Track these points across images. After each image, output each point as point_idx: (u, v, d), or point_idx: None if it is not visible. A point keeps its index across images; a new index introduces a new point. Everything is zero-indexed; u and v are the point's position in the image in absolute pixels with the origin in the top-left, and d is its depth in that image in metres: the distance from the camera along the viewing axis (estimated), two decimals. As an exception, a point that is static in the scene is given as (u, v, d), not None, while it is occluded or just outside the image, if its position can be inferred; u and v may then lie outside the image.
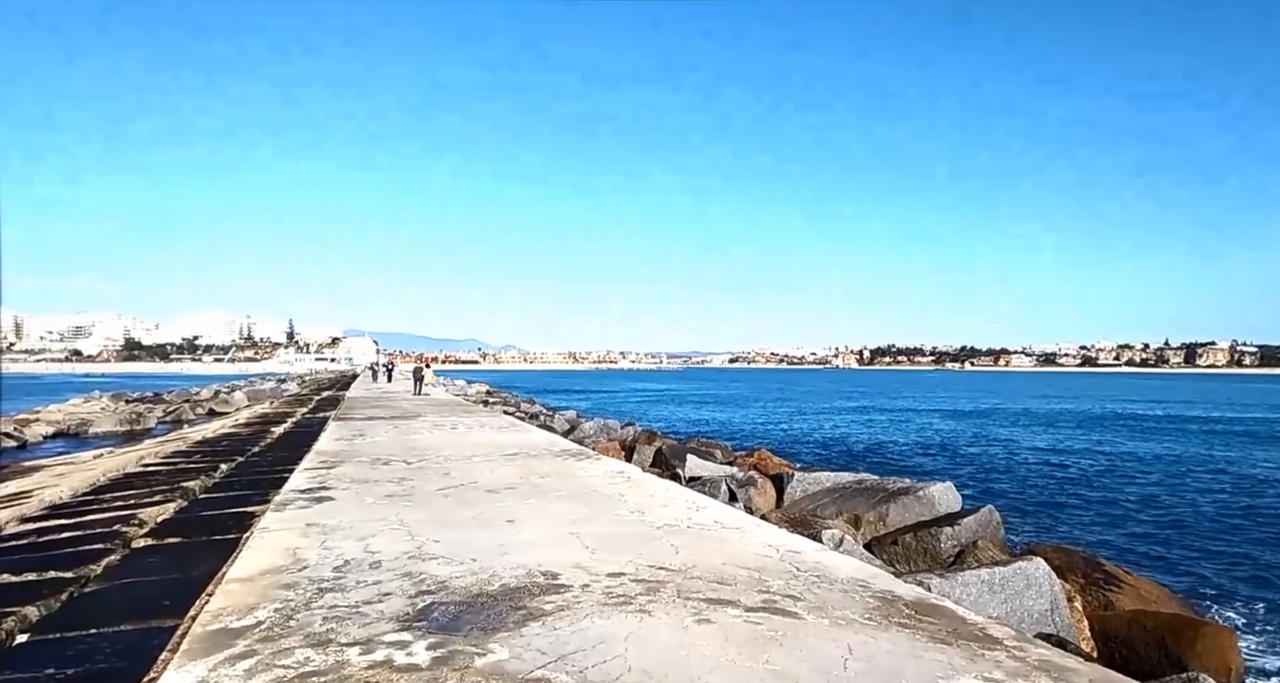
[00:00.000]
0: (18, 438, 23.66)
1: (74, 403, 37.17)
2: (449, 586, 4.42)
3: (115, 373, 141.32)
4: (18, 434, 23.95)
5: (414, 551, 5.24)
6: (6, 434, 23.29)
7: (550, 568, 4.76)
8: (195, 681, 3.11)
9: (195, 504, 7.59)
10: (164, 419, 31.53)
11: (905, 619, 3.94)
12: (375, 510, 6.65)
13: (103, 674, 3.37)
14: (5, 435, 23.05)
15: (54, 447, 23.51)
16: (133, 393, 46.52)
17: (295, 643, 3.51)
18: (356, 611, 3.98)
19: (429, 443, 12.17)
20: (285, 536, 5.70)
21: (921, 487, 10.63)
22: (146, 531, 6.36)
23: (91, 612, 4.31)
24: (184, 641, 3.59)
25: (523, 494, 7.48)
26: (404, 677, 3.14)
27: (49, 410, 32.51)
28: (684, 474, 13.12)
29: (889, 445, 30.61)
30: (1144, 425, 41.05)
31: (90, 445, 22.70)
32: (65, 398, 41.39)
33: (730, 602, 4.15)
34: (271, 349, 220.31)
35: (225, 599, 4.18)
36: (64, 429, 27.08)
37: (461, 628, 3.72)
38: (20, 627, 4.06)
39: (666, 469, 13.87)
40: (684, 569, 4.79)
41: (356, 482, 8.20)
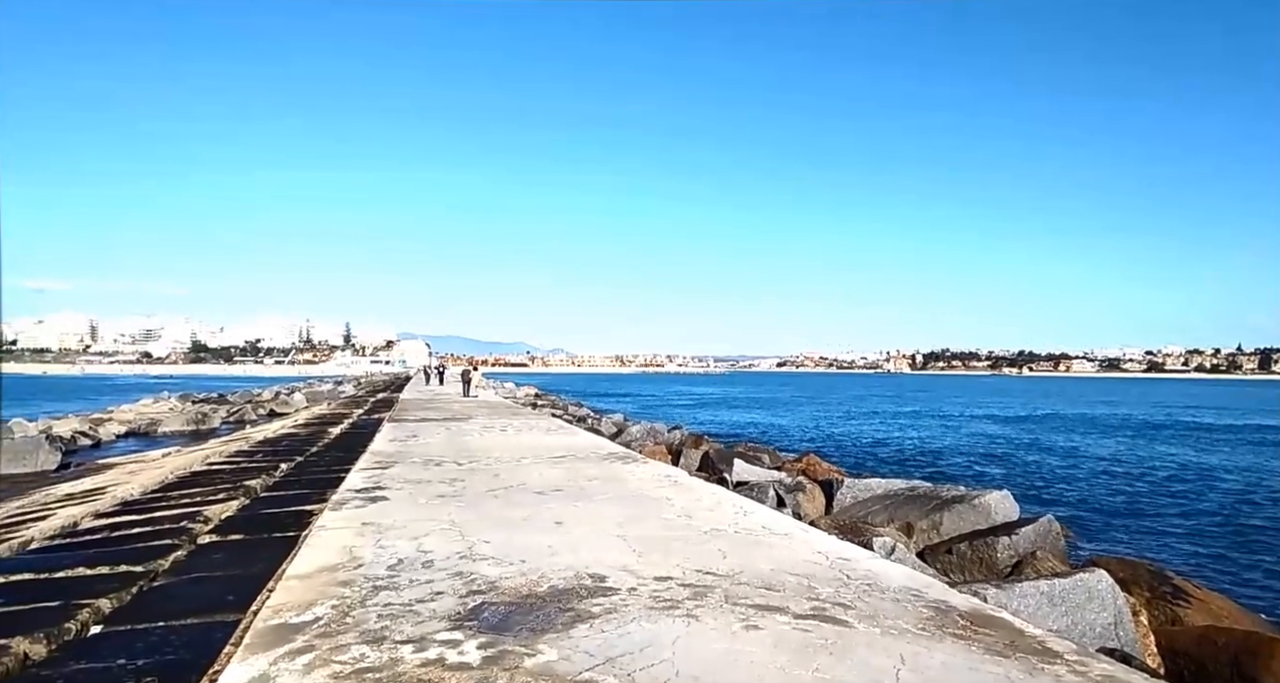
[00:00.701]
0: (93, 437, 24.82)
1: (144, 403, 38.82)
2: (499, 586, 4.48)
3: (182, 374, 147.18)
4: (93, 433, 25.14)
5: (465, 551, 5.33)
6: (83, 433, 24.46)
7: (598, 570, 4.79)
8: (257, 674, 3.21)
9: (257, 502, 7.85)
10: (228, 419, 32.70)
11: (960, 630, 3.85)
12: (427, 511, 6.78)
13: (170, 666, 3.51)
14: (81, 434, 24.21)
15: (126, 445, 24.60)
16: (198, 394, 48.34)
17: (351, 640, 3.61)
18: (410, 609, 4.06)
19: (479, 445, 12.35)
20: (342, 534, 5.85)
21: (977, 494, 10.36)
22: (211, 527, 6.60)
23: (160, 605, 4.50)
24: (246, 635, 3.72)
25: (570, 496, 7.54)
26: (455, 675, 3.20)
27: (121, 410, 34.03)
28: (731, 479, 13.04)
29: (942, 452, 29.91)
30: (1214, 435, 39.23)
31: (159, 444, 23.69)
32: (136, 398, 43.26)
33: (779, 608, 4.11)
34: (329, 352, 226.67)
35: (285, 595, 4.32)
36: (135, 428, 28.29)
37: (511, 628, 3.77)
38: (95, 618, 4.25)
39: (713, 473, 13.81)
40: (731, 574, 4.76)
41: (410, 482, 8.38)
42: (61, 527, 7.12)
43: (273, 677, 3.18)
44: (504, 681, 3.16)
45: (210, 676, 3.30)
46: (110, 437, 25.97)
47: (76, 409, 36.84)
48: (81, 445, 23.17)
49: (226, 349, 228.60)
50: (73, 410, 35.33)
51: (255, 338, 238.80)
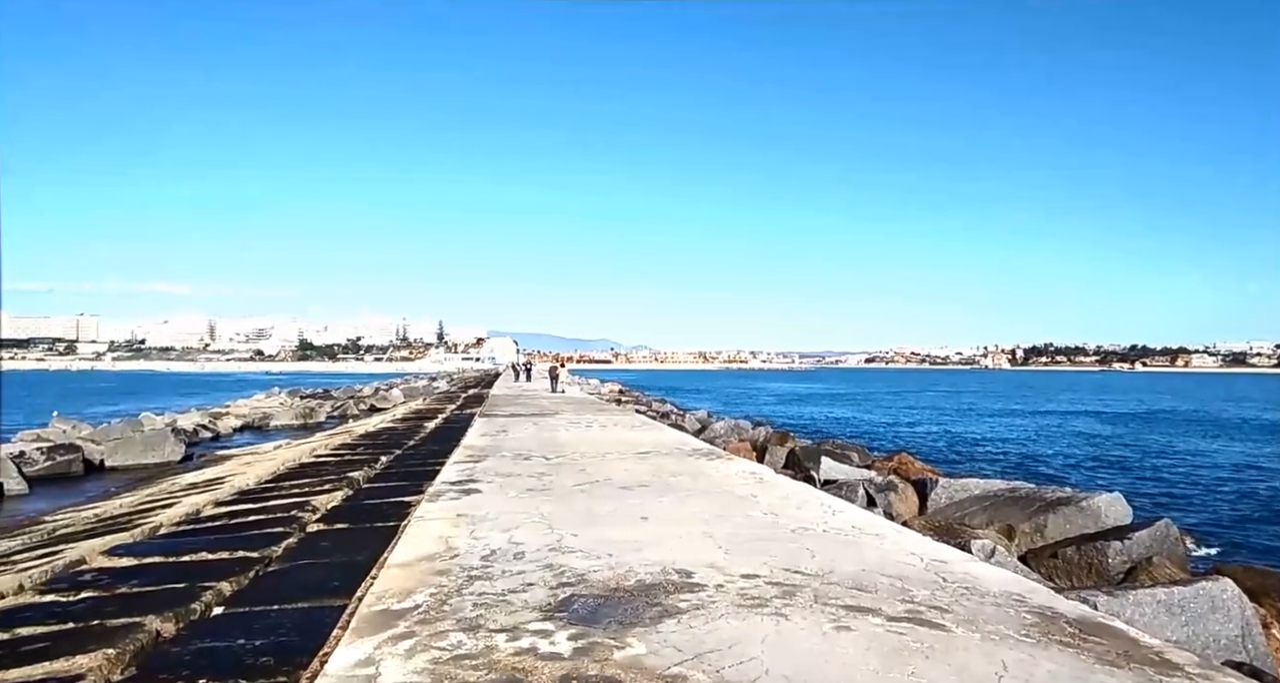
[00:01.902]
0: (212, 430, 26.70)
1: (257, 399, 41.41)
2: (587, 579, 4.55)
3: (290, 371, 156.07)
4: (212, 427, 27.03)
5: (554, 543, 5.44)
6: (204, 426, 26.35)
7: (684, 566, 4.80)
8: (363, 657, 3.38)
9: (360, 493, 8.25)
10: (332, 414, 34.50)
11: (1068, 638, 3.66)
12: (518, 503, 6.96)
13: (284, 647, 3.74)
14: (203, 427, 26.08)
15: (241, 438, 26.34)
16: (305, 390, 51.19)
17: (449, 627, 3.74)
18: (503, 599, 4.18)
19: (566, 440, 12.58)
20: (438, 525, 6.08)
21: (1085, 496, 9.81)
22: (318, 516, 6.98)
23: (274, 589, 4.79)
24: (352, 620, 3.92)
25: (655, 492, 7.58)
26: (548, 665, 3.27)
27: (237, 405, 36.42)
28: (818, 477, 12.81)
29: (1044, 452, 28.43)
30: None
31: (271, 437, 25.24)
32: (250, 394, 46.23)
33: (871, 610, 4.01)
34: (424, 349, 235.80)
35: (386, 583, 4.52)
36: (249, 422, 30.24)
37: (600, 621, 3.82)
38: (217, 600, 4.57)
39: (800, 471, 13.59)
40: (820, 574, 4.67)
41: (500, 476, 8.62)
42: (186, 514, 7.69)
43: (377, 660, 3.33)
44: (594, 672, 3.21)
45: (320, 658, 3.49)
46: (228, 430, 27.84)
47: (198, 404, 39.65)
48: (203, 438, 24.94)
49: (330, 347, 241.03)
50: (194, 405, 38.05)
51: (356, 336, 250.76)
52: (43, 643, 3.85)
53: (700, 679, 3.15)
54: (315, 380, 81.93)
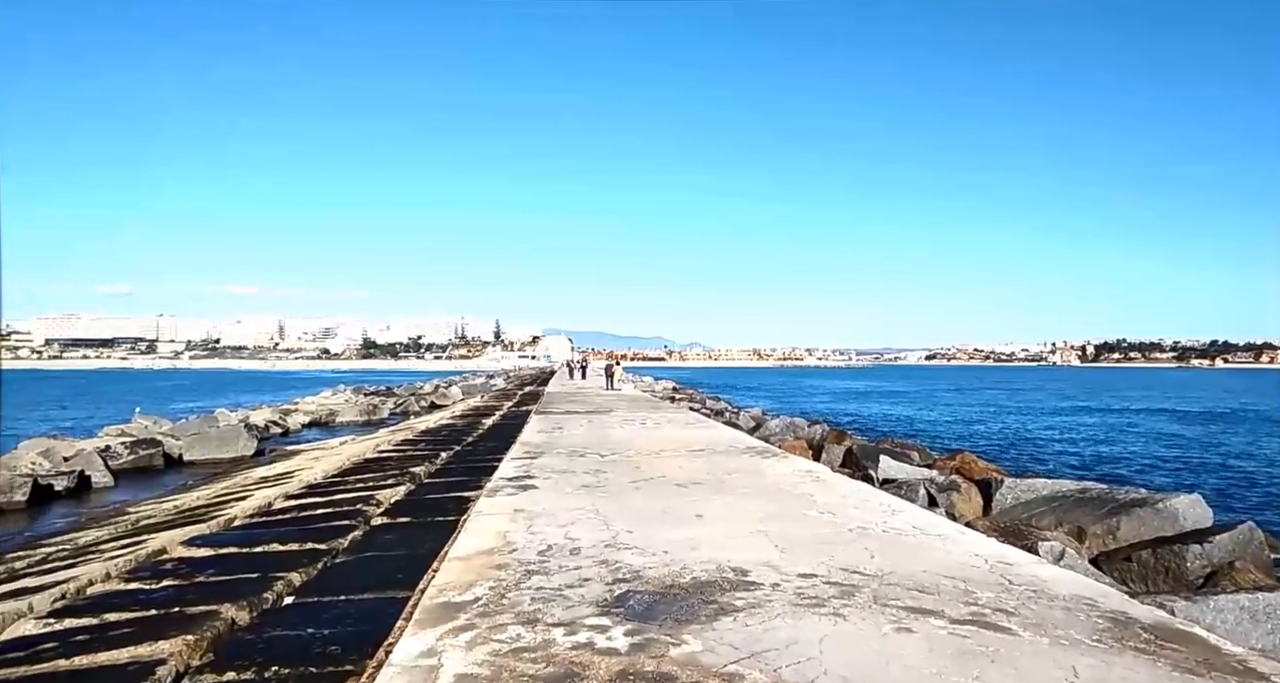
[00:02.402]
0: (282, 426, 27.73)
1: (324, 396, 42.81)
2: (643, 575, 4.57)
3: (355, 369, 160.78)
4: (282, 423, 28.08)
5: (609, 540, 5.48)
6: (274, 422, 27.39)
7: (739, 565, 4.77)
8: (425, 648, 3.47)
9: (421, 488, 8.46)
10: (395, 411, 35.45)
11: (1143, 644, 3.51)
12: (573, 500, 7.03)
13: (351, 637, 3.87)
14: (273, 423, 27.12)
15: (309, 434, 27.29)
16: (369, 387, 52.67)
17: (508, 620, 3.81)
18: (560, 593, 4.24)
19: (620, 437, 12.64)
20: (496, 520, 6.19)
21: (1161, 498, 9.39)
22: (382, 510, 7.19)
23: (341, 580, 4.96)
24: (415, 611, 4.03)
25: (710, 490, 7.56)
26: (604, 660, 3.30)
27: (305, 402, 37.72)
28: (877, 476, 12.57)
29: (1117, 451, 27.30)
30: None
31: (337, 433, 26.09)
32: (317, 391, 47.82)
33: (933, 612, 3.92)
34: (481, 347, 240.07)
35: (447, 576, 4.63)
36: (317, 419, 31.31)
37: (656, 617, 3.84)
38: (287, 590, 4.75)
39: (857, 470, 13.36)
40: (880, 575, 4.59)
41: (556, 472, 8.72)
42: (258, 507, 8.01)
43: (439, 652, 3.42)
44: (650, 668, 3.22)
45: (385, 648, 3.59)
46: (297, 426, 28.87)
47: (268, 401, 41.22)
48: (273, 433, 25.92)
49: (392, 345, 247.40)
50: (265, 402, 39.57)
51: (417, 335, 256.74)
52: (128, 629, 4.06)
53: (757, 678, 3.13)
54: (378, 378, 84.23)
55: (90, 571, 5.56)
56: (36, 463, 15.39)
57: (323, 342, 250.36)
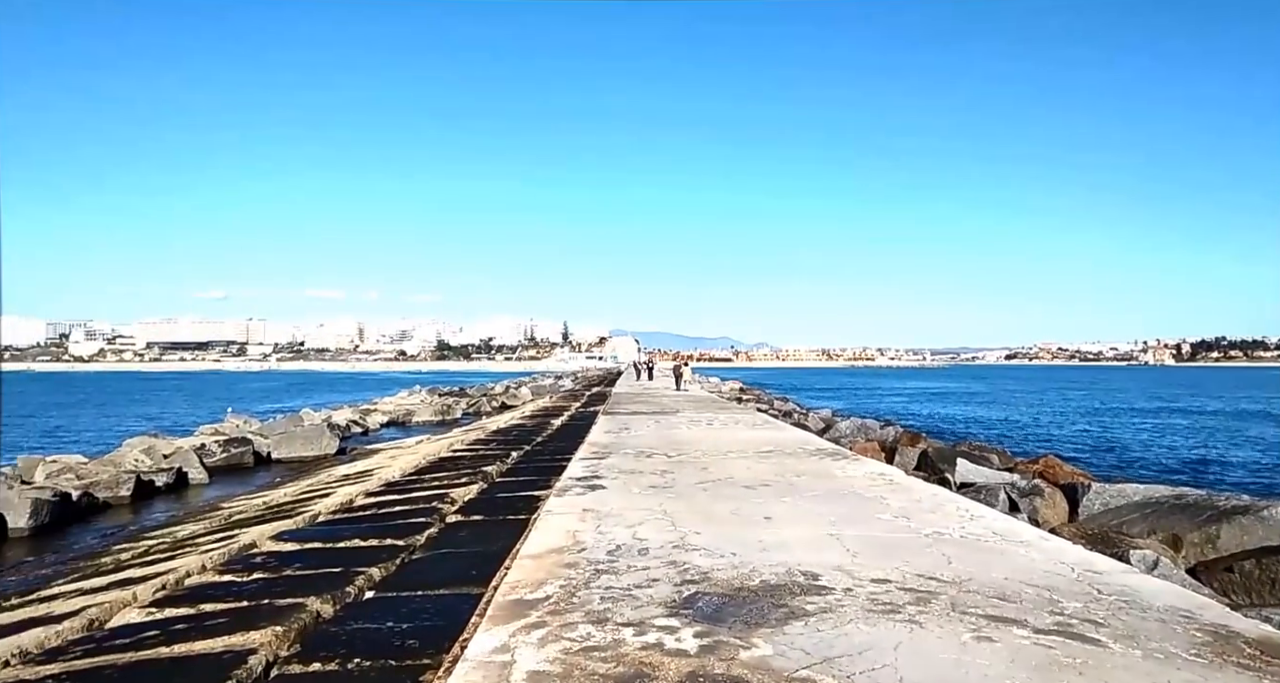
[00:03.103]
0: (362, 426, 28.78)
1: (401, 396, 44.22)
2: (711, 577, 4.55)
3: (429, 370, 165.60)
4: (362, 422, 29.14)
5: (677, 541, 5.48)
6: (355, 422, 28.46)
7: (810, 568, 4.70)
8: (499, 644, 3.55)
9: (493, 487, 8.65)
10: (467, 411, 36.35)
11: (1247, 660, 3.29)
12: (641, 500, 7.06)
13: (428, 631, 3.98)
14: (354, 423, 28.18)
15: (387, 433, 28.24)
16: (443, 388, 54.13)
17: (578, 619, 3.86)
18: (629, 593, 4.26)
19: (687, 438, 12.62)
20: (565, 519, 6.28)
21: (1267, 505, 8.78)
22: (456, 508, 7.38)
23: (418, 576, 5.11)
24: (488, 607, 4.12)
25: (778, 492, 7.47)
26: (674, 661, 3.31)
27: (383, 402, 39.06)
28: (954, 480, 12.19)
29: (1216, 456, 25.67)
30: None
31: (413, 432, 26.92)
32: (394, 392, 49.41)
33: (1015, 621, 3.77)
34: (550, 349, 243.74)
35: (519, 573, 4.72)
36: (394, 418, 32.38)
37: (725, 620, 3.82)
38: (368, 584, 4.94)
39: (933, 473, 12.98)
40: (958, 581, 4.45)
41: (624, 473, 8.77)
42: (340, 503, 8.33)
43: (512, 648, 3.49)
44: (720, 671, 3.21)
45: (460, 643, 3.69)
46: (375, 425, 29.93)
47: (349, 401, 42.85)
48: (354, 432, 26.93)
49: (465, 347, 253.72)
50: (346, 402, 41.13)
51: (488, 336, 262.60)
52: (222, 619, 4.29)
53: (829, 684, 3.08)
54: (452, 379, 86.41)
55: (188, 563, 5.90)
56: (139, 460, 16.42)
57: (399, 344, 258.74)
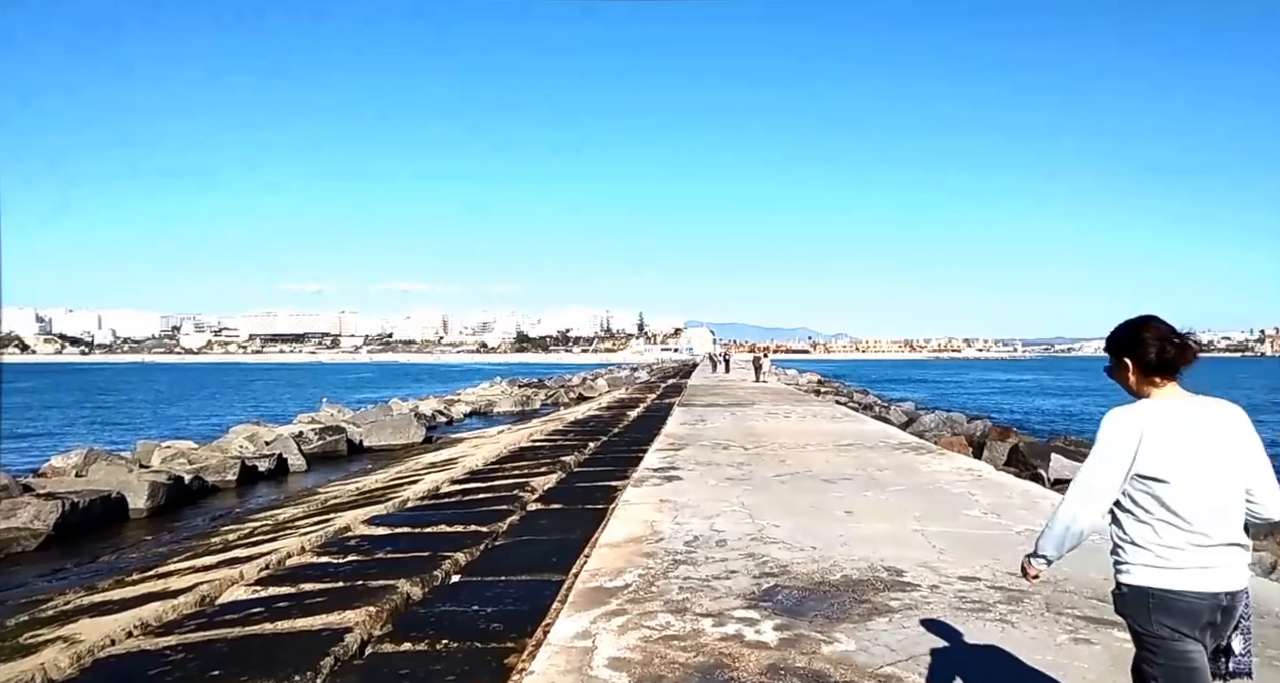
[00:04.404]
0: (447, 415, 29.72)
1: (483, 387, 45.39)
2: (790, 570, 4.51)
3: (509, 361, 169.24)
4: (447, 412, 30.09)
5: (755, 533, 5.44)
6: (440, 412, 29.41)
7: (894, 564, 4.59)
8: (580, 630, 3.62)
9: (571, 476, 8.80)
10: (546, 401, 37.02)
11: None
12: (718, 491, 7.04)
13: (511, 615, 4.09)
14: (439, 412, 29.14)
15: (470, 422, 29.08)
16: (522, 379, 55.23)
17: (657, 607, 3.89)
18: (707, 584, 4.26)
19: (764, 430, 12.50)
20: (643, 509, 6.33)
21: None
22: (537, 496, 7.54)
23: (500, 561, 5.26)
24: (569, 594, 4.20)
25: (860, 485, 7.31)
26: (754, 653, 3.29)
27: (466, 393, 40.21)
28: (1048, 476, 11.64)
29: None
30: None
31: (494, 422, 27.62)
32: (476, 383, 50.79)
33: (1116, 623, 3.57)
34: (625, 340, 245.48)
35: (598, 561, 4.79)
36: (477, 408, 33.28)
37: (805, 613, 3.77)
38: (454, 569, 5.10)
39: (1025, 469, 12.43)
40: (1053, 581, 4.25)
41: (700, 464, 8.76)
42: (428, 490, 8.64)
43: (593, 634, 3.55)
44: (802, 664, 3.18)
45: (543, 627, 3.77)
46: (459, 415, 30.84)
47: (434, 391, 44.31)
48: (439, 422, 27.82)
49: (543, 339, 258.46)
50: (431, 392, 42.56)
51: (565, 328, 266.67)
52: (320, 597, 4.52)
53: (916, 681, 3.00)
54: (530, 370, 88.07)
55: (288, 544, 6.24)
56: (244, 446, 17.45)
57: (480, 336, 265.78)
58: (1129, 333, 2.00)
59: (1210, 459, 1.87)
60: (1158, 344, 1.94)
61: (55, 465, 14.50)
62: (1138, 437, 1.89)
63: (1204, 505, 1.85)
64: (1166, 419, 1.91)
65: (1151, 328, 1.97)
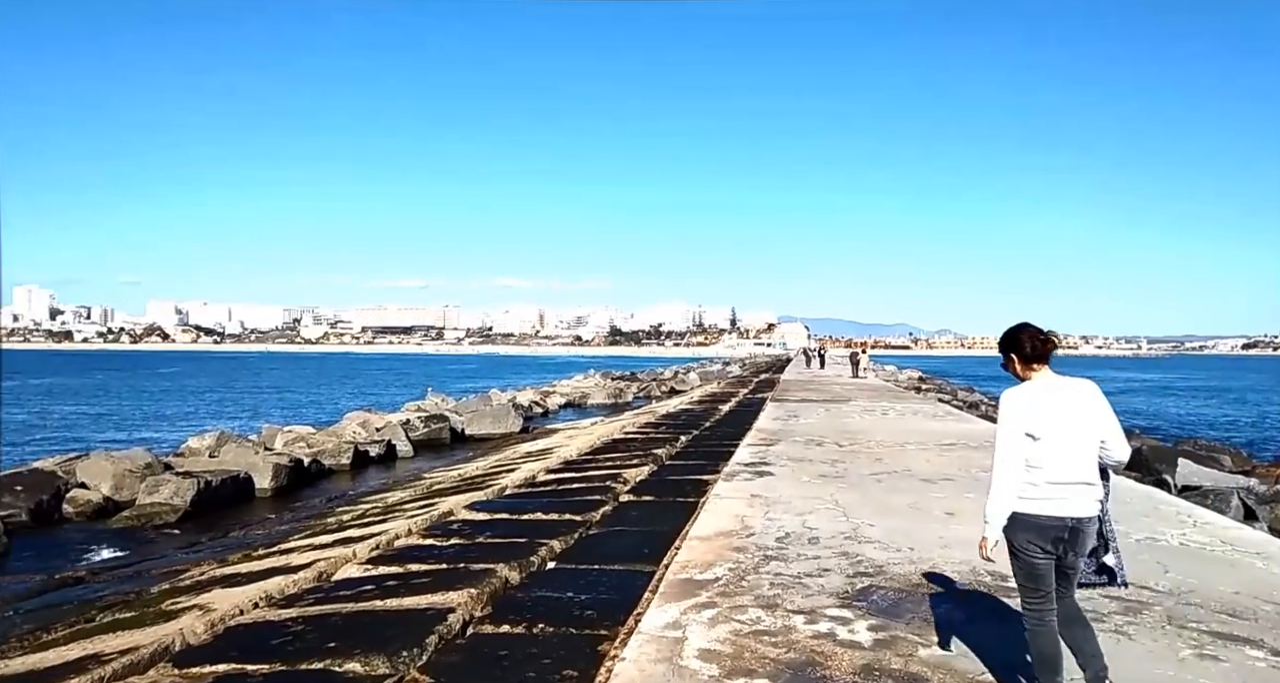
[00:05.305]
0: (543, 406, 30.51)
1: (577, 380, 46.28)
2: (886, 571, 4.40)
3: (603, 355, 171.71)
4: (542, 403, 30.89)
5: (850, 532, 5.34)
6: (536, 403, 30.25)
7: (999, 569, 4.37)
8: (670, 621, 3.66)
9: (663, 469, 8.86)
10: (638, 395, 37.37)
11: None
12: (810, 489, 6.94)
13: (604, 603, 4.18)
14: (535, 403, 29.95)
15: (565, 414, 29.73)
16: (615, 372, 55.92)
17: (747, 602, 3.89)
18: (799, 581, 4.22)
19: (860, 427, 12.19)
20: (733, 503, 6.31)
21: None
22: (628, 488, 7.64)
23: (594, 550, 5.37)
24: (660, 584, 4.25)
25: (962, 487, 7.03)
26: (848, 653, 3.24)
27: (561, 385, 41.10)
28: (1174, 481, 10.83)
29: None
30: None
31: (588, 414, 28.14)
32: (571, 376, 51.79)
33: (1248, 640, 3.32)
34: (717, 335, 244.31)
35: (688, 554, 4.82)
36: (571, 400, 33.98)
37: (902, 615, 3.68)
38: (549, 556, 5.25)
39: (1147, 474, 11.60)
40: (1175, 593, 3.98)
41: (793, 460, 8.65)
42: (524, 478, 8.91)
43: (683, 625, 3.59)
44: (898, 666, 3.11)
45: (635, 616, 3.84)
46: (554, 406, 31.59)
47: (530, 383, 45.54)
48: (535, 413, 28.59)
49: (635, 333, 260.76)
50: (528, 384, 43.74)
51: (657, 322, 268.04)
52: (426, 578, 4.76)
53: (1018, 692, 2.88)
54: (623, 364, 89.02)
55: (396, 527, 6.58)
56: (356, 432, 18.48)
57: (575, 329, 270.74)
58: (1011, 335, 2.76)
59: (1069, 421, 2.61)
60: (1030, 341, 2.70)
61: (192, 446, 15.84)
62: (1023, 407, 2.64)
63: (1062, 455, 2.58)
64: (1040, 394, 2.66)
65: (1026, 331, 2.73)
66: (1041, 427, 2.58)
